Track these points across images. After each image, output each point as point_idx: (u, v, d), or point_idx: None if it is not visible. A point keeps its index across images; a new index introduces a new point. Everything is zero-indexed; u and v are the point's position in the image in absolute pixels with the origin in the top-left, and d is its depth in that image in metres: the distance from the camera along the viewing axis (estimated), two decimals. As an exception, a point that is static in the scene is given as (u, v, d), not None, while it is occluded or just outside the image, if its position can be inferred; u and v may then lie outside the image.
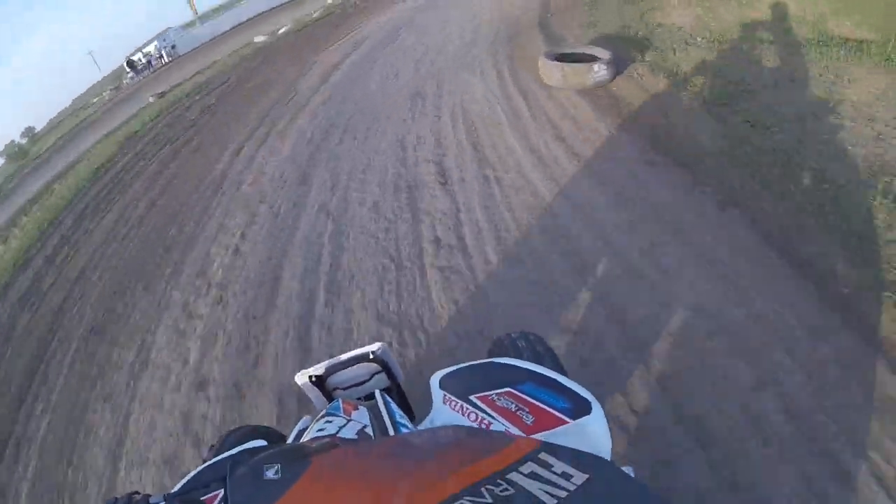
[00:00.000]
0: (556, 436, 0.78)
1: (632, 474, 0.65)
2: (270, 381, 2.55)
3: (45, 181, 13.74)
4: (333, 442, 0.70)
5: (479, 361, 1.03)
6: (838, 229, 2.20)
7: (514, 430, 0.80)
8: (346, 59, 9.01)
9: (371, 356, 1.37)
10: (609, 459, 0.69)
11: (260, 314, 3.08)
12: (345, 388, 1.44)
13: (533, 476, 0.51)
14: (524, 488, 0.48)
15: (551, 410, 0.82)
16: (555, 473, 0.51)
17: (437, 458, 0.59)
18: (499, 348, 1.24)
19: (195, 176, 6.26)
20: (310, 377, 1.38)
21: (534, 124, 4.09)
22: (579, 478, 0.50)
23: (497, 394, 0.87)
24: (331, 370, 1.38)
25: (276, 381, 2.54)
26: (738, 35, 4.25)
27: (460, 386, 0.94)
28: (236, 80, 11.83)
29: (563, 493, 0.48)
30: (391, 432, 0.92)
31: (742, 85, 3.50)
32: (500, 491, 0.48)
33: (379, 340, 1.40)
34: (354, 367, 1.39)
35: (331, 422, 0.97)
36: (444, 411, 0.92)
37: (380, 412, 1.01)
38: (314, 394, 1.40)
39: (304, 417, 1.37)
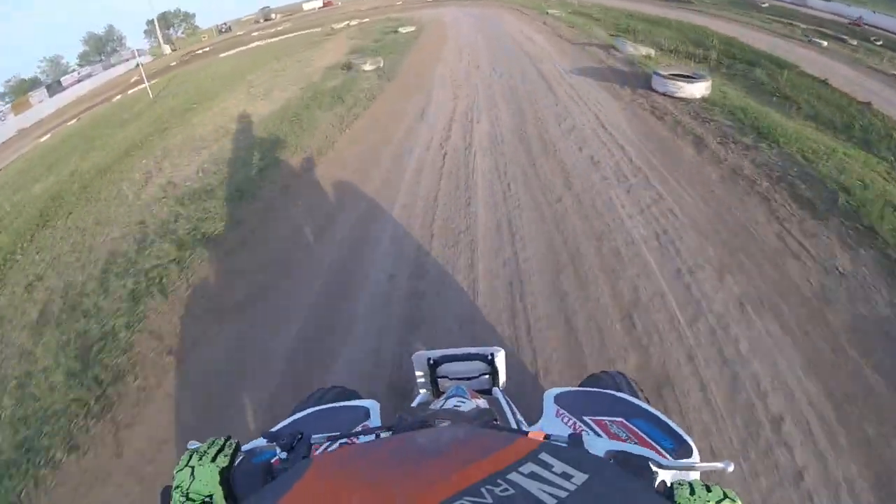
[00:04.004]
0: None
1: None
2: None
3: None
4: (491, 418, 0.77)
5: (595, 389, 1.14)
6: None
7: None
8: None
9: (489, 357, 1.42)
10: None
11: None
12: (451, 379, 1.48)
13: (533, 476, 0.51)
14: (524, 488, 0.48)
15: (657, 447, 0.89)
16: (555, 473, 0.51)
17: (437, 458, 0.59)
18: (594, 381, 1.36)
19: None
20: (428, 359, 1.43)
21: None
22: (579, 478, 0.50)
23: (611, 421, 0.95)
24: (447, 358, 1.44)
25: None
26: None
27: (575, 406, 1.03)
28: None
29: (563, 493, 0.48)
30: (514, 427, 1.01)
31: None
32: (500, 491, 0.48)
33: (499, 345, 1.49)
34: (468, 362, 1.44)
35: (463, 402, 1.04)
36: (556, 424, 0.99)
37: (502, 408, 1.09)
38: (423, 373, 1.45)
39: (423, 392, 1.45)
